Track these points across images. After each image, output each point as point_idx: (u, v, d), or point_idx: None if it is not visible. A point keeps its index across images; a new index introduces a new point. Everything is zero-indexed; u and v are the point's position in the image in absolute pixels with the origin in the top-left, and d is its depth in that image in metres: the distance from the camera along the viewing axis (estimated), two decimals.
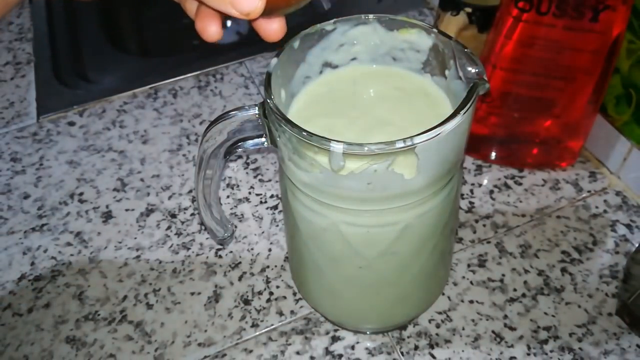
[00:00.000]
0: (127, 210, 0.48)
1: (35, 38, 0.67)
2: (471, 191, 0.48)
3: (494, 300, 0.41)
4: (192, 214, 0.48)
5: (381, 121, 0.31)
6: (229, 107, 0.57)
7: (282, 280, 0.43)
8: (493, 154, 0.49)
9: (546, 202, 0.47)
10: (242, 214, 0.47)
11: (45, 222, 0.48)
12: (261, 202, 0.48)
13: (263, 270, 0.44)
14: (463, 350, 0.38)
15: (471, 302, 0.41)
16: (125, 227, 0.47)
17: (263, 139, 0.32)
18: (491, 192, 0.48)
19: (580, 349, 0.38)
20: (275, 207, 0.48)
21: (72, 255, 0.45)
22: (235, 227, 0.47)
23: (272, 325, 0.40)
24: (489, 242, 0.44)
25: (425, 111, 0.32)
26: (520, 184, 0.48)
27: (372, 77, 0.35)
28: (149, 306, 0.42)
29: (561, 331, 0.39)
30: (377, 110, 0.32)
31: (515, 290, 0.41)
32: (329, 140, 0.26)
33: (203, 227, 0.46)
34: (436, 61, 0.33)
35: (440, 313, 0.40)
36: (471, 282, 0.42)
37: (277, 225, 0.47)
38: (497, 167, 0.50)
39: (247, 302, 0.42)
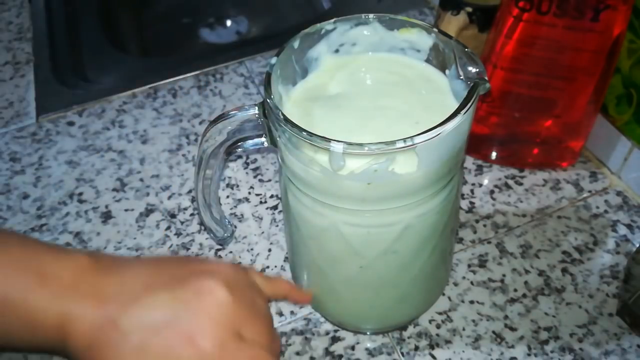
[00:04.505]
0: (126, 210, 0.48)
1: (34, 38, 0.67)
2: (472, 191, 0.48)
3: (494, 300, 0.41)
4: (192, 214, 0.48)
5: (382, 106, 0.31)
6: (229, 107, 0.56)
7: None
8: (493, 154, 0.49)
9: (547, 202, 0.47)
10: (242, 214, 0.47)
11: (44, 222, 0.48)
12: (261, 202, 0.48)
13: (263, 270, 0.44)
14: (463, 351, 0.38)
15: (472, 302, 0.41)
16: (124, 227, 0.47)
17: (263, 139, 0.32)
18: (492, 192, 0.48)
19: (580, 349, 0.38)
20: (275, 207, 0.48)
21: None
22: (235, 227, 0.46)
23: None
24: (489, 242, 0.44)
25: (426, 96, 0.32)
26: (521, 184, 0.48)
27: (373, 63, 0.34)
28: None
29: (562, 331, 0.39)
30: (378, 95, 0.32)
31: (515, 290, 0.41)
32: (329, 140, 0.26)
33: (203, 227, 0.46)
34: (436, 61, 0.33)
35: (440, 313, 0.40)
36: (472, 283, 0.42)
37: (277, 225, 0.46)
38: (497, 167, 0.49)
39: None
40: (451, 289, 0.42)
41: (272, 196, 0.49)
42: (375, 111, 0.31)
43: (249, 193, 0.49)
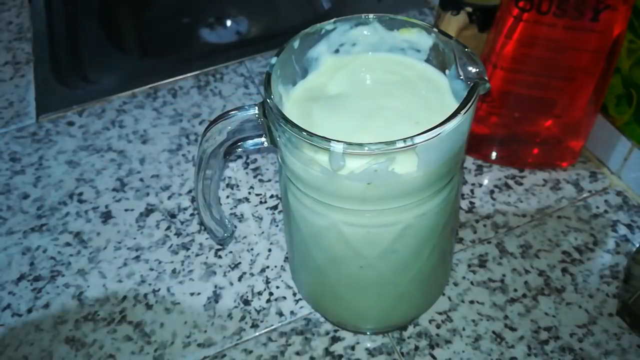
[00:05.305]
0: (126, 210, 0.48)
1: (34, 38, 0.67)
2: (472, 191, 0.48)
3: (494, 300, 0.41)
4: (192, 214, 0.48)
5: (382, 106, 0.31)
6: (229, 107, 0.56)
7: (282, 281, 0.43)
8: (493, 154, 0.49)
9: (547, 202, 0.47)
10: (241, 214, 0.47)
11: (44, 222, 0.48)
12: (261, 202, 0.48)
13: (263, 270, 0.44)
14: (463, 351, 0.38)
15: (472, 302, 0.41)
16: (124, 227, 0.47)
17: (263, 139, 0.32)
18: (492, 192, 0.48)
19: (581, 349, 0.38)
20: (275, 207, 0.48)
21: (71, 255, 0.45)
22: (235, 227, 0.46)
23: (272, 325, 0.40)
24: (489, 242, 0.44)
25: (426, 96, 0.32)
26: (521, 184, 0.48)
27: (373, 63, 0.34)
28: (149, 307, 0.42)
29: (562, 331, 0.39)
30: (378, 95, 0.32)
31: (515, 290, 0.41)
32: (329, 140, 0.26)
33: (203, 227, 0.46)
34: (437, 61, 0.33)
35: (440, 313, 0.40)
36: (472, 283, 0.42)
37: (277, 225, 0.46)
38: (497, 167, 0.50)
39: (246, 302, 0.42)
40: (451, 289, 0.42)
41: (272, 196, 0.49)
42: (375, 111, 0.31)
43: (249, 193, 0.49)
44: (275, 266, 0.44)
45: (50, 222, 0.48)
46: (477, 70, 0.28)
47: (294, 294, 0.42)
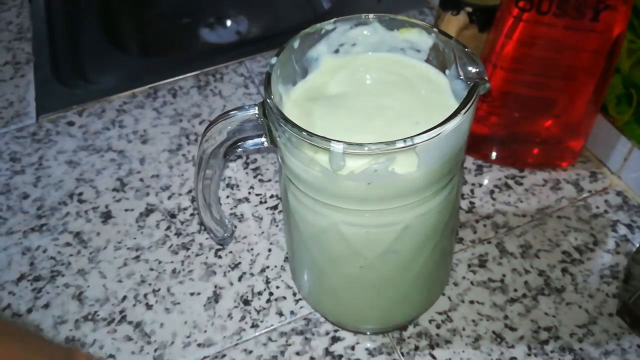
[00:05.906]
0: (126, 210, 0.48)
1: (34, 38, 0.67)
2: (472, 191, 0.48)
3: (494, 300, 0.41)
4: (192, 214, 0.47)
5: (382, 106, 0.31)
6: (229, 107, 0.56)
7: (282, 281, 0.43)
8: (494, 154, 0.49)
9: (547, 202, 0.47)
10: (241, 214, 0.47)
11: (44, 222, 0.48)
12: (261, 202, 0.48)
13: (263, 270, 0.44)
14: (463, 351, 0.38)
15: (472, 302, 0.41)
16: (124, 227, 0.47)
17: (263, 139, 0.32)
18: (492, 192, 0.48)
19: (580, 349, 0.38)
20: (275, 207, 0.48)
21: (71, 255, 0.45)
22: (235, 227, 0.46)
23: (272, 325, 0.40)
24: (489, 242, 0.44)
25: (426, 96, 0.32)
26: (521, 184, 0.48)
27: (373, 63, 0.34)
28: (149, 306, 0.42)
29: (562, 331, 0.39)
30: (378, 95, 0.32)
31: (515, 290, 0.41)
32: (329, 140, 0.26)
33: (203, 227, 0.46)
34: (437, 61, 0.33)
35: (440, 313, 0.40)
36: (472, 283, 0.42)
37: (277, 225, 0.46)
38: (497, 167, 0.49)
39: (246, 302, 0.42)
40: (451, 289, 0.42)
41: (272, 196, 0.49)
42: (375, 111, 0.31)
43: (249, 193, 0.49)
44: (275, 266, 0.44)
45: (50, 222, 0.48)
46: (477, 70, 0.28)
47: (294, 294, 0.42)
